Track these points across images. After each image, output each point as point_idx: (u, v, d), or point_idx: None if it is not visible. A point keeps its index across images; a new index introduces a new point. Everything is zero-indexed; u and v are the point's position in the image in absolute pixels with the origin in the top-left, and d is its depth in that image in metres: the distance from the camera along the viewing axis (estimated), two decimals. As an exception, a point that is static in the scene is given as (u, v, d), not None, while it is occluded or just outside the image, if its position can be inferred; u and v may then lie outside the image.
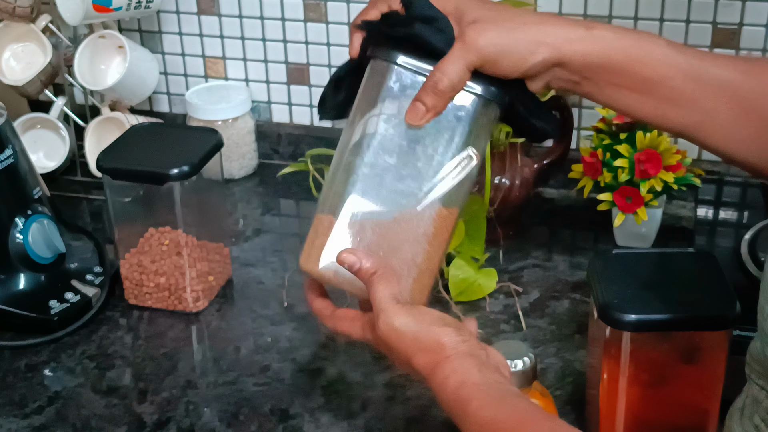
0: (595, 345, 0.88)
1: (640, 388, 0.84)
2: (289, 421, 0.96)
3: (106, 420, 0.97)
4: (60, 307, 1.09)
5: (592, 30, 0.78)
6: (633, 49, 0.77)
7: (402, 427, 0.95)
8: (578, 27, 0.78)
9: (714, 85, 0.77)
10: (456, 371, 0.73)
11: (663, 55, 0.77)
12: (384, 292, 0.77)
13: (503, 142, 1.19)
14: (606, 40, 0.77)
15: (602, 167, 1.16)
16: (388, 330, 0.76)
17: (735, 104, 0.77)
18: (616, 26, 0.82)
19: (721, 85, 0.77)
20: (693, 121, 0.78)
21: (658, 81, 0.77)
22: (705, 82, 0.77)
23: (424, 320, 0.76)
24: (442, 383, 0.73)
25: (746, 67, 0.78)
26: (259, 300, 1.15)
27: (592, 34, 0.77)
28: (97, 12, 1.28)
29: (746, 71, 0.78)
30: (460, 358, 0.73)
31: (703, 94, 0.77)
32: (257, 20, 1.41)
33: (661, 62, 0.77)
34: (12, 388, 1.02)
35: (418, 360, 0.75)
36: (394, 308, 0.76)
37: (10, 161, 1.09)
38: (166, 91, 1.50)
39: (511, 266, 1.19)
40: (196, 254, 1.12)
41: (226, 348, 1.07)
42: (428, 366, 0.74)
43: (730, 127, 0.78)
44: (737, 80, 0.77)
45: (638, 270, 0.85)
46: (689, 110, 0.78)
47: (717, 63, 0.78)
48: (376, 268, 0.78)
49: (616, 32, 0.78)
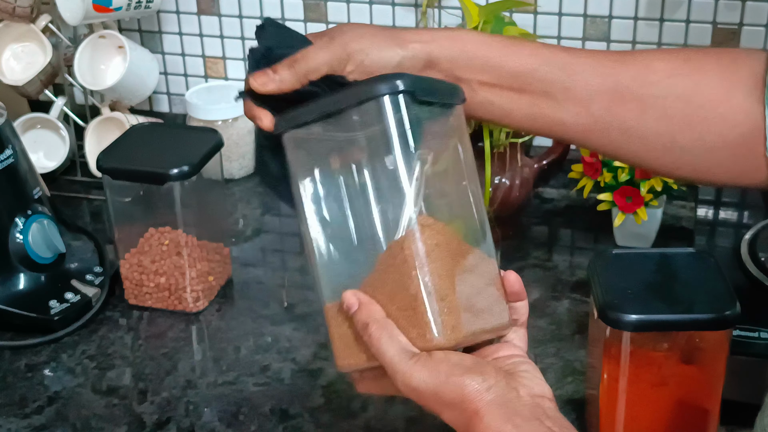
0: (595, 345, 0.88)
1: (640, 388, 0.84)
2: (289, 421, 0.96)
3: (106, 420, 0.97)
4: (60, 307, 1.09)
5: (458, 31, 0.79)
6: (497, 44, 0.78)
7: (402, 427, 0.95)
8: (446, 30, 0.79)
9: (586, 73, 0.76)
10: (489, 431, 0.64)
11: (529, 48, 0.77)
12: (390, 350, 0.67)
13: (503, 142, 1.19)
14: (470, 37, 0.78)
15: (602, 167, 1.16)
16: (408, 390, 0.68)
17: (611, 91, 0.76)
18: (483, 33, 0.82)
19: (595, 71, 0.76)
20: (577, 122, 0.78)
21: (528, 72, 0.77)
22: (574, 70, 0.77)
23: (441, 371, 0.66)
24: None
25: (619, 56, 0.78)
26: (259, 300, 1.15)
27: (458, 33, 0.78)
28: (97, 12, 1.28)
29: (619, 59, 0.77)
30: (490, 414, 0.64)
31: (576, 83, 0.77)
32: (257, 20, 1.41)
33: (527, 54, 0.77)
34: (12, 388, 1.02)
35: (447, 416, 0.67)
36: (405, 366, 0.67)
37: (10, 161, 1.09)
38: (166, 91, 1.50)
39: (511, 266, 1.19)
40: (196, 254, 1.12)
41: (226, 348, 1.07)
42: (460, 422, 0.66)
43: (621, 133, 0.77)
44: (609, 65, 0.77)
45: (638, 270, 0.85)
46: (565, 103, 0.77)
47: (587, 53, 0.78)
48: (367, 320, 0.69)
49: (482, 34, 0.79)
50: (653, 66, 0.77)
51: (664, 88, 0.77)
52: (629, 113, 0.77)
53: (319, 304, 0.76)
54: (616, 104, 0.77)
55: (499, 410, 0.64)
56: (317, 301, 0.75)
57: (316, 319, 1.11)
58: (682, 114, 0.77)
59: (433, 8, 1.30)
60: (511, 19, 1.25)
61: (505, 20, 1.22)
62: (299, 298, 1.14)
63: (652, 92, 0.77)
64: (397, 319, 0.69)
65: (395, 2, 1.34)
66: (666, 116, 0.77)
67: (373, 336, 0.68)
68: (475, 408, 0.64)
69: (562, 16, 1.29)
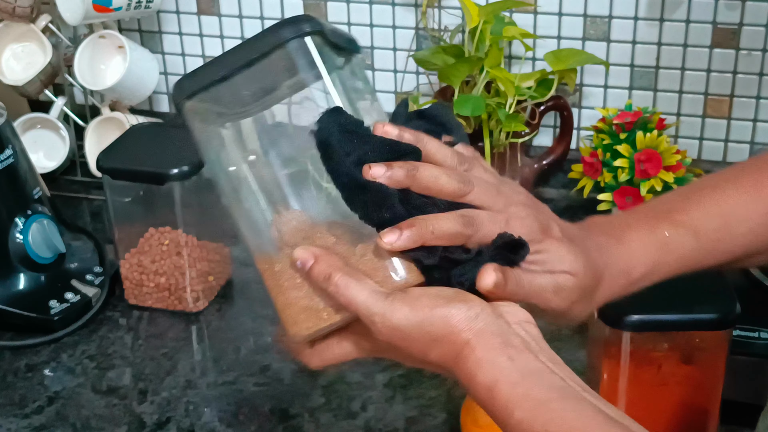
0: (595, 345, 0.88)
1: (640, 388, 0.84)
2: (289, 421, 0.96)
3: (106, 420, 0.97)
4: (60, 307, 1.09)
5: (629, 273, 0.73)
6: (659, 260, 0.73)
7: (402, 427, 0.95)
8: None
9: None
10: (481, 365, 0.61)
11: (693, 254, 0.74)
12: (362, 294, 0.63)
13: (503, 142, 1.19)
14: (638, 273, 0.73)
15: (602, 167, 1.16)
16: (390, 332, 0.62)
17: None
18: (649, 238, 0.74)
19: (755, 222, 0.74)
20: None
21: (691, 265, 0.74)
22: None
23: (423, 304, 0.62)
24: (471, 381, 0.62)
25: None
26: (259, 300, 1.15)
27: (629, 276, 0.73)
28: (97, 12, 1.28)
29: None
30: (482, 344, 0.61)
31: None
32: (257, 20, 1.41)
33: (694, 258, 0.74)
34: (12, 388, 1.02)
35: (435, 353, 0.63)
36: (382, 306, 0.62)
37: (10, 161, 1.09)
38: (166, 91, 1.50)
39: (511, 266, 1.19)
40: (196, 254, 1.12)
41: (226, 348, 1.07)
42: (449, 357, 0.63)
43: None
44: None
45: (638, 270, 0.85)
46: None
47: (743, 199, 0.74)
48: (329, 271, 0.64)
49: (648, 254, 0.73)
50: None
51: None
52: None
53: None
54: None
55: (492, 340, 0.61)
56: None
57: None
58: None
59: (433, 8, 1.30)
60: (511, 19, 1.25)
61: (505, 20, 1.22)
62: (299, 298, 1.14)
63: None
64: (356, 267, 0.65)
65: (395, 2, 1.34)
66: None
67: (340, 284, 0.63)
68: (465, 339, 0.61)
69: (562, 16, 1.29)
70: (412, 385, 1.00)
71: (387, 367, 1.03)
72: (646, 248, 0.71)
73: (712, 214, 0.73)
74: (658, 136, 1.14)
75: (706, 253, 0.73)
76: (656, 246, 0.71)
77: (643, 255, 0.71)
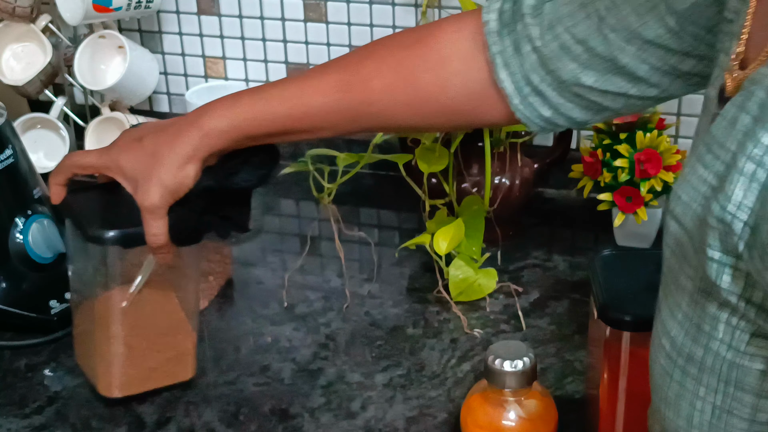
0: (595, 345, 0.88)
1: (640, 388, 0.84)
2: (289, 421, 0.96)
3: (106, 420, 0.97)
4: (60, 307, 1.09)
5: (203, 128, 0.86)
6: (242, 122, 0.86)
7: (402, 427, 0.95)
8: (194, 132, 0.86)
9: (319, 114, 0.85)
10: None
11: (265, 113, 0.86)
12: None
13: (503, 142, 1.19)
14: (217, 130, 0.86)
15: (602, 167, 1.16)
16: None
17: (347, 118, 0.86)
18: (227, 103, 0.87)
19: (328, 110, 0.85)
20: (339, 133, 0.90)
21: (277, 129, 0.86)
22: (311, 115, 0.85)
23: None
24: None
25: (341, 82, 0.85)
26: (259, 300, 1.15)
27: (204, 132, 0.86)
28: (97, 12, 1.28)
29: (343, 86, 0.85)
30: None
31: (316, 122, 0.86)
32: (257, 20, 1.41)
33: (266, 119, 0.86)
34: (12, 388, 1.02)
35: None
36: None
37: (10, 161, 1.09)
38: (166, 91, 1.50)
39: (511, 266, 1.19)
40: (196, 254, 1.12)
41: (226, 348, 1.07)
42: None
43: (383, 128, 0.92)
44: (337, 96, 0.85)
45: (638, 270, 0.85)
46: (322, 132, 0.88)
47: (314, 93, 0.85)
48: None
49: (223, 117, 0.86)
50: (371, 86, 0.84)
51: (387, 103, 0.85)
52: (370, 124, 0.87)
53: (320, 305, 0.77)
54: (355, 122, 0.86)
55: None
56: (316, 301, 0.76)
57: (316, 319, 1.11)
58: (415, 111, 0.85)
59: (433, 8, 1.30)
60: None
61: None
62: (299, 298, 1.14)
63: (378, 109, 0.85)
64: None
65: (395, 2, 1.34)
66: (399, 118, 0.86)
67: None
68: None
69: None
70: (412, 385, 1.00)
71: (387, 367, 1.03)
72: None
73: None
74: (658, 136, 1.14)
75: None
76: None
77: None
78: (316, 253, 1.23)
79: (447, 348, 1.06)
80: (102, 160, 0.90)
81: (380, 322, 1.10)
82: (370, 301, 1.14)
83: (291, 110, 0.85)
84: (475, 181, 1.19)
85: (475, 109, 0.84)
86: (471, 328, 1.08)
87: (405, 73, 0.84)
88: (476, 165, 1.20)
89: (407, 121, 0.87)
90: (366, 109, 0.85)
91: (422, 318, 1.11)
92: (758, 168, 0.50)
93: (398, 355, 1.05)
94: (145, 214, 0.87)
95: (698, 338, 0.57)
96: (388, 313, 1.12)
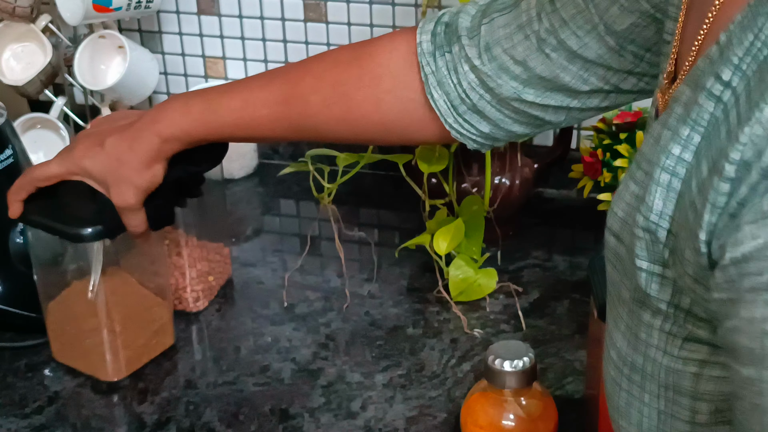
0: (595, 345, 0.88)
1: (640, 388, 0.83)
2: (289, 421, 0.96)
3: (106, 420, 0.97)
4: (60, 307, 1.09)
5: (160, 134, 0.90)
6: (193, 129, 0.90)
7: (402, 427, 0.95)
8: (152, 138, 0.90)
9: (263, 124, 0.89)
10: None
11: (213, 122, 0.90)
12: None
13: (503, 142, 1.19)
14: (174, 136, 0.90)
15: (602, 167, 1.16)
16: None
17: (284, 127, 0.90)
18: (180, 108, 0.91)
19: (273, 120, 0.89)
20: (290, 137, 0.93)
21: (227, 135, 0.91)
22: (254, 127, 0.90)
23: None
24: None
25: (281, 94, 0.88)
26: (259, 300, 1.15)
27: (163, 138, 0.90)
28: (97, 12, 1.28)
29: (283, 99, 0.88)
30: None
31: (261, 131, 0.90)
32: (257, 20, 1.41)
33: (214, 127, 0.90)
34: (12, 388, 1.02)
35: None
36: None
37: (10, 161, 1.09)
38: (166, 91, 1.50)
39: (511, 266, 1.19)
40: (196, 254, 1.12)
41: (226, 348, 1.07)
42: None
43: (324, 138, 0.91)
44: (276, 106, 0.88)
45: (638, 270, 0.85)
46: (271, 136, 0.92)
47: (258, 105, 0.89)
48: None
49: (175, 124, 0.90)
50: (310, 100, 0.87)
51: (324, 117, 0.88)
52: (310, 135, 0.91)
53: (320, 305, 0.77)
54: (297, 133, 0.90)
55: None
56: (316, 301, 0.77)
57: (316, 319, 1.11)
58: (351, 126, 0.88)
59: (433, 8, 1.30)
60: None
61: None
62: (299, 298, 1.14)
63: (316, 122, 0.88)
64: None
65: (395, 2, 1.34)
66: (336, 132, 0.89)
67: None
68: None
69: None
70: (412, 385, 1.00)
71: (387, 367, 1.03)
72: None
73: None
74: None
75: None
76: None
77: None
78: (316, 253, 1.23)
79: (447, 348, 1.06)
80: (66, 168, 0.93)
81: (380, 322, 1.10)
82: (370, 301, 1.14)
83: (238, 120, 0.89)
84: (475, 181, 1.19)
85: (408, 127, 0.87)
86: (471, 328, 1.08)
87: (341, 90, 0.87)
88: (476, 165, 1.20)
89: (344, 135, 0.90)
90: (305, 122, 0.89)
91: (422, 318, 1.11)
92: (672, 178, 0.52)
93: (398, 355, 1.05)
94: (124, 212, 0.92)
95: (637, 347, 0.58)
96: (388, 313, 1.12)
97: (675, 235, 0.52)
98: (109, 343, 1.01)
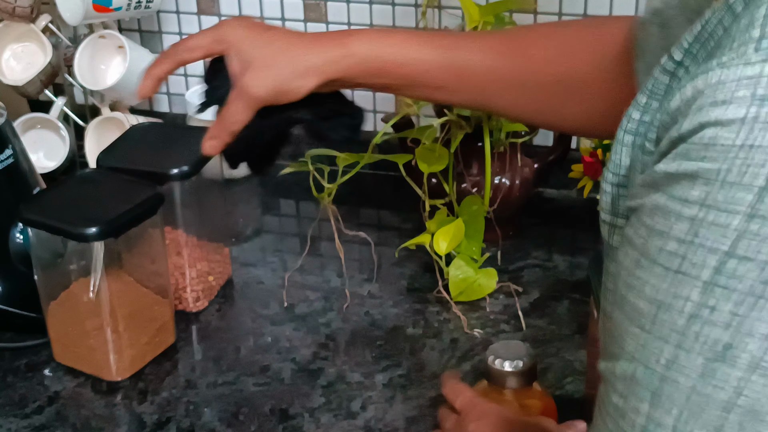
0: (595, 345, 0.88)
1: (640, 388, 0.83)
2: (289, 421, 0.96)
3: (106, 420, 0.97)
4: (60, 307, 1.09)
5: (348, 47, 0.82)
6: (388, 55, 0.82)
7: (402, 427, 0.95)
8: (336, 48, 0.82)
9: (473, 71, 0.83)
10: None
11: (416, 54, 0.82)
12: None
13: (503, 142, 1.19)
14: (360, 54, 0.82)
15: (602, 167, 1.16)
16: None
17: (504, 84, 0.83)
18: (379, 33, 0.84)
19: (485, 70, 0.83)
20: (470, 100, 0.88)
21: (418, 76, 0.83)
22: (462, 69, 0.83)
23: None
24: None
25: (500, 43, 0.84)
26: (259, 300, 1.15)
27: (349, 52, 0.82)
28: (97, 12, 1.28)
29: (502, 48, 0.83)
30: None
31: (462, 81, 0.83)
32: (257, 20, 1.41)
33: (415, 60, 0.82)
34: (12, 388, 1.02)
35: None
36: None
37: (10, 161, 1.09)
38: (167, 91, 1.50)
39: (511, 266, 1.19)
40: (196, 254, 1.12)
41: (226, 348, 1.07)
42: None
43: (510, 105, 0.86)
44: (492, 56, 0.83)
45: (638, 270, 0.85)
46: (455, 94, 0.85)
47: (474, 49, 0.83)
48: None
49: (372, 42, 0.82)
50: (530, 53, 0.83)
51: (543, 75, 0.83)
52: (511, 96, 0.85)
53: (320, 305, 0.77)
54: (503, 91, 0.84)
55: None
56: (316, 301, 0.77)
57: (316, 319, 1.11)
58: (560, 95, 0.83)
59: (433, 8, 1.30)
60: (512, 19, 1.25)
61: (506, 20, 1.22)
62: (299, 298, 1.14)
63: (533, 79, 0.83)
64: None
65: (395, 2, 1.34)
66: (546, 98, 0.84)
67: None
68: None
69: (562, 16, 1.29)
70: (412, 385, 1.00)
71: (387, 367, 1.03)
72: None
73: None
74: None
75: None
76: None
77: None
78: (316, 253, 1.23)
79: (447, 348, 1.06)
80: (212, 36, 0.85)
81: (380, 322, 1.10)
82: (370, 301, 1.14)
83: (443, 60, 0.82)
84: (475, 181, 1.19)
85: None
86: (471, 328, 1.08)
87: (567, 50, 0.83)
88: (476, 165, 1.20)
89: (545, 105, 0.84)
90: (520, 77, 0.82)
91: (422, 318, 1.11)
92: (634, 137, 0.56)
93: (398, 355, 1.05)
94: (241, 97, 0.83)
95: (605, 295, 0.60)
96: (388, 313, 1.12)
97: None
98: (113, 343, 1.01)
